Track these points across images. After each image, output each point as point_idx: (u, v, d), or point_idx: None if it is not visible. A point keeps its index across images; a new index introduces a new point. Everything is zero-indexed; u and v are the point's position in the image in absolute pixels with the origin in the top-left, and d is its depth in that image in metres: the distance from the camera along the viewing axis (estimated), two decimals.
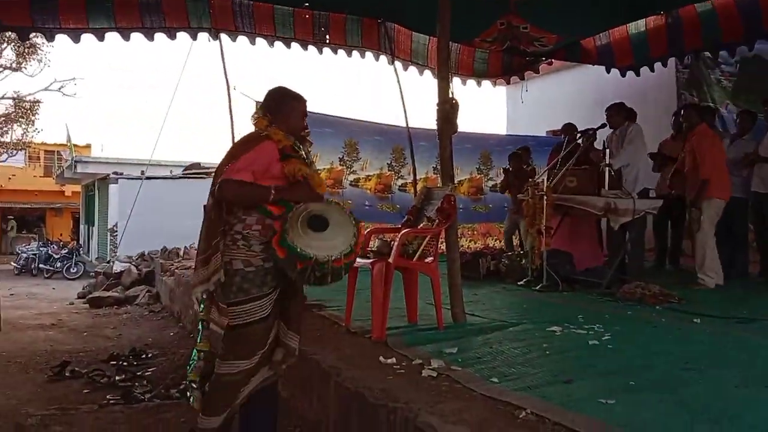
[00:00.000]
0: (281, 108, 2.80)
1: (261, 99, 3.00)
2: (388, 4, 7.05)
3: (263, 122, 2.78)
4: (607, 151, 5.65)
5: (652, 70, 7.71)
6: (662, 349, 3.26)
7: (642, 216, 5.44)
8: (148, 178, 15.51)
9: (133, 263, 11.41)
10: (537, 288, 5.51)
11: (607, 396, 2.39)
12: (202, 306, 2.74)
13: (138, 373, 4.93)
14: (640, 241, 5.82)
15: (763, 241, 5.99)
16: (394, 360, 3.12)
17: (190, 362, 2.76)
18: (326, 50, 7.30)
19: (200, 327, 2.77)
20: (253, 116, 2.87)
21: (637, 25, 7.48)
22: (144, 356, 5.58)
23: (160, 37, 6.52)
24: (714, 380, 2.64)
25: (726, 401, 2.35)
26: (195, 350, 2.76)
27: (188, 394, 2.76)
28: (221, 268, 2.57)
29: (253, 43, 6.88)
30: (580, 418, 2.15)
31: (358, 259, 3.99)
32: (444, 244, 4.17)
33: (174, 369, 4.91)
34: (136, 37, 6.42)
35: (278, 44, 7.02)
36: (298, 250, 2.46)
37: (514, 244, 7.91)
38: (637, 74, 7.80)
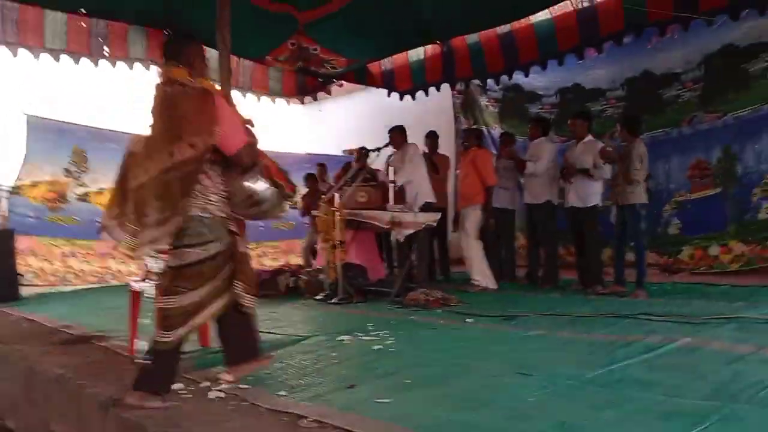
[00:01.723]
0: (189, 55, 2.78)
1: None
2: (176, 16, 6.79)
3: (183, 73, 2.70)
4: (391, 169, 6.02)
5: (427, 94, 8.37)
6: (438, 347, 3.56)
7: (426, 228, 5.88)
8: None
9: None
10: (333, 301, 5.68)
11: (384, 395, 2.55)
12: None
13: None
14: (425, 251, 6.27)
15: (535, 249, 6.72)
16: (181, 385, 3.00)
17: None
18: (103, 62, 6.77)
19: None
20: (165, 67, 2.77)
21: (417, 53, 8.10)
22: None
23: None
24: (478, 371, 2.95)
25: (486, 389, 2.64)
26: None
27: None
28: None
29: (15, 54, 6.18)
30: (356, 419, 2.27)
31: (142, 284, 3.82)
32: None
33: None
34: None
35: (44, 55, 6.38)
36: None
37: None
38: (413, 98, 8.43)
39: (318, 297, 6.01)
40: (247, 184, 2.80)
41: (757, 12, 5.85)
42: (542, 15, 6.73)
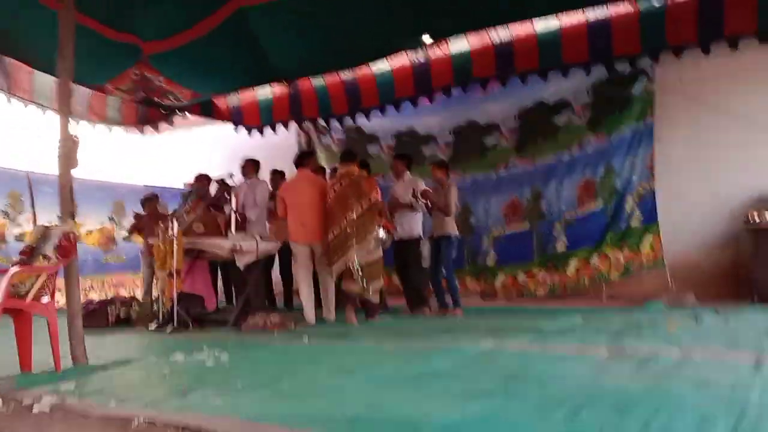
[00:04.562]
0: (357, 160, 6.03)
1: None
2: (6, 38, 6.44)
3: (356, 168, 5.93)
4: (234, 197, 6.17)
5: (275, 131, 8.65)
6: (270, 360, 3.77)
7: (266, 256, 6.05)
8: None
9: None
10: (168, 331, 5.59)
11: (216, 398, 2.69)
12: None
13: None
14: (263, 279, 6.41)
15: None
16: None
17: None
18: None
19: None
20: (346, 165, 5.97)
21: (265, 91, 8.35)
22: None
23: None
24: (308, 375, 3.19)
25: (311, 387, 2.89)
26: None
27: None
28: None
29: None
30: (187, 415, 2.38)
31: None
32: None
33: None
34: None
35: None
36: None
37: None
38: (261, 134, 8.65)
39: (151, 327, 5.88)
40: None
41: (561, 74, 6.89)
42: (382, 65, 7.36)
